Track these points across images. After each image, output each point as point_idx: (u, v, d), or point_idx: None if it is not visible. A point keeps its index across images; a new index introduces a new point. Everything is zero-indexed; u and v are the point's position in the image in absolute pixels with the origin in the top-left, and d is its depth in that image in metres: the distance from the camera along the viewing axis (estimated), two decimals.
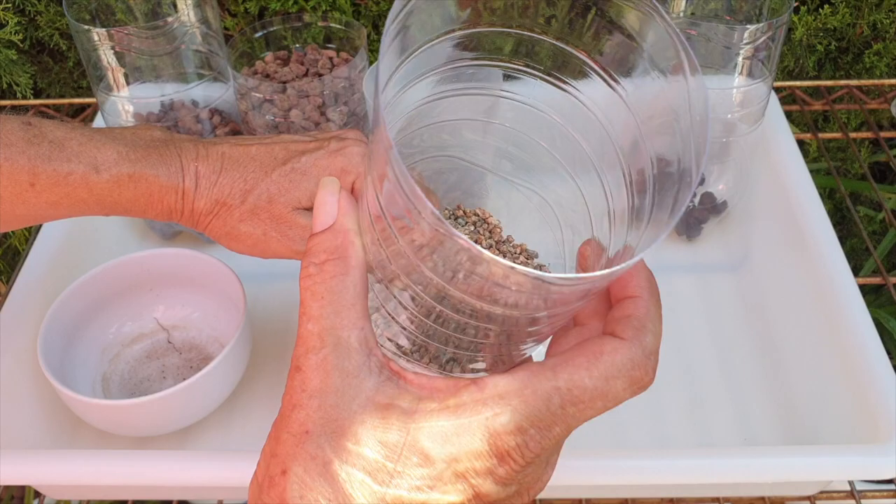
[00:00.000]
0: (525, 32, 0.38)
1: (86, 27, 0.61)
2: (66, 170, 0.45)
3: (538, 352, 0.36)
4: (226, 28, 0.86)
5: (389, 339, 0.34)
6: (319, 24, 0.68)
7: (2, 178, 0.44)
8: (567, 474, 0.48)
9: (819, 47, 0.86)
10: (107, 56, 0.63)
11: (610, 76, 0.38)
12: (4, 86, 0.88)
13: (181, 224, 0.49)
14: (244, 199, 0.47)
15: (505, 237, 0.43)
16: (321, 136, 0.50)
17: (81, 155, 0.45)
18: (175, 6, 0.65)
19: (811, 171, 0.66)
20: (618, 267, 0.28)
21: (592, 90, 0.39)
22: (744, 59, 0.62)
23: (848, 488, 0.53)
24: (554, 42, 0.38)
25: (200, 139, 0.49)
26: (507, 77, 0.41)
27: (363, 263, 0.32)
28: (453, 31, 0.37)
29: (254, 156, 0.48)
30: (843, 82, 0.83)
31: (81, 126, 0.48)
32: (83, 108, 0.86)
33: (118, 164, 0.46)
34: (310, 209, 0.48)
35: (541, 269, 0.33)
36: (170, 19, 0.63)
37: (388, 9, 0.84)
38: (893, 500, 0.54)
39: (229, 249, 0.49)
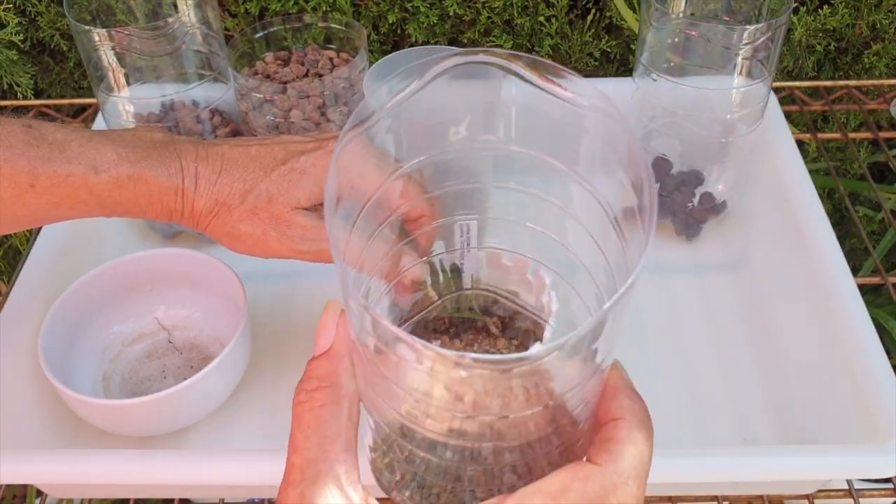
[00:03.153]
0: None
1: (86, 28, 0.61)
2: (66, 171, 0.45)
3: None
4: (226, 28, 0.86)
5: (389, 472, 0.34)
6: (320, 24, 0.68)
7: (2, 180, 0.44)
8: None
9: (818, 48, 0.86)
10: (107, 56, 0.63)
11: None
12: (5, 86, 0.88)
13: (182, 224, 0.49)
14: (244, 198, 0.47)
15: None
16: (321, 137, 0.51)
17: (81, 156, 0.45)
18: (175, 7, 0.65)
19: (810, 172, 0.66)
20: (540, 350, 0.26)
21: None
22: (743, 59, 0.62)
23: (846, 487, 0.53)
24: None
25: (200, 140, 0.49)
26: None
27: (354, 393, 0.31)
28: None
29: (253, 156, 0.48)
30: (842, 83, 0.83)
31: (81, 128, 0.48)
32: (84, 108, 0.86)
33: (118, 166, 0.46)
34: (309, 209, 0.48)
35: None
36: (170, 20, 0.63)
37: (389, 9, 0.84)
38: (892, 500, 0.54)
39: (230, 249, 0.49)
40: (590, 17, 0.84)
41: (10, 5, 0.84)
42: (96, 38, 0.62)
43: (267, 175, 0.47)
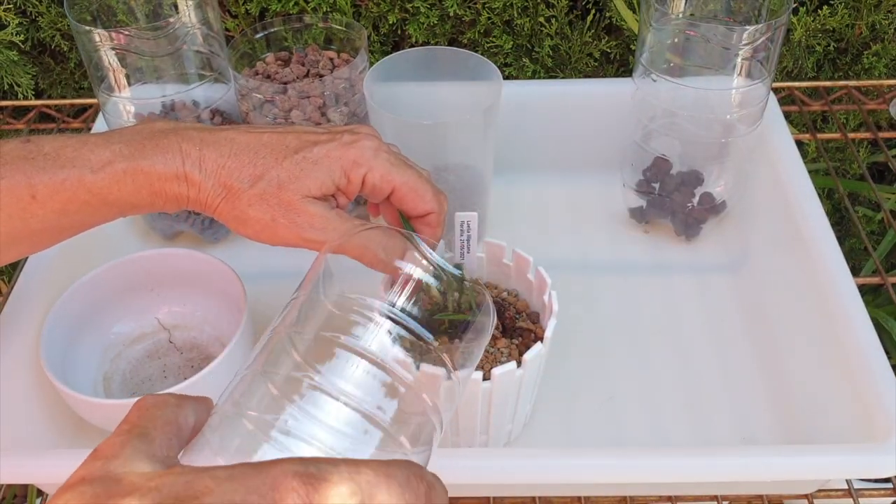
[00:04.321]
0: None
1: (87, 28, 0.61)
2: (62, 176, 0.45)
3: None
4: (227, 29, 0.86)
5: None
6: (320, 25, 0.68)
7: (3, 196, 0.45)
8: (566, 472, 0.48)
9: (818, 48, 0.86)
10: (108, 57, 0.63)
11: None
12: (6, 87, 0.89)
13: (193, 209, 0.49)
14: (253, 183, 0.47)
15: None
16: (334, 129, 0.51)
17: (76, 160, 0.46)
18: (176, 7, 0.65)
19: (810, 172, 0.66)
20: None
21: None
22: (743, 59, 0.63)
23: (846, 487, 0.53)
24: None
25: (208, 126, 0.49)
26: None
27: (200, 421, 0.33)
28: None
29: (265, 142, 0.48)
30: (841, 83, 0.83)
31: (80, 134, 0.48)
32: (84, 108, 0.86)
33: (112, 163, 0.46)
34: (319, 198, 0.48)
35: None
36: (171, 20, 0.63)
37: (389, 10, 0.84)
38: (891, 499, 0.54)
39: (238, 233, 0.49)
40: (590, 18, 0.85)
41: (11, 6, 0.84)
42: (97, 39, 0.62)
43: (279, 162, 0.47)
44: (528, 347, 0.51)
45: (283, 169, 0.47)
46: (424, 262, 0.39)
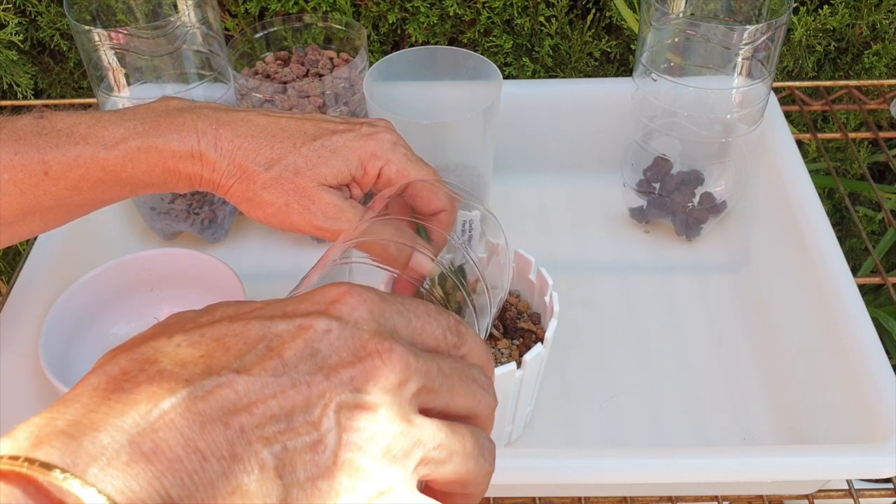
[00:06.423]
0: None
1: (86, 28, 0.61)
2: (75, 153, 0.45)
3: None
4: (226, 29, 0.86)
5: None
6: (320, 24, 0.68)
7: (16, 171, 0.44)
8: (566, 473, 0.48)
9: (818, 48, 0.86)
10: (107, 56, 0.63)
11: None
12: (5, 86, 0.89)
13: (204, 190, 0.48)
14: (269, 167, 0.47)
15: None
16: (352, 120, 0.51)
17: (89, 137, 0.45)
18: (176, 7, 0.65)
19: (810, 172, 0.66)
20: None
21: None
22: (743, 59, 0.63)
23: (846, 487, 0.53)
24: None
25: (224, 106, 0.49)
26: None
27: None
28: None
29: (284, 127, 0.48)
30: (842, 83, 0.83)
31: (94, 111, 0.48)
32: (84, 108, 0.86)
33: (126, 140, 0.46)
34: (334, 186, 0.48)
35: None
36: (171, 20, 0.63)
37: (389, 9, 0.84)
38: (892, 500, 0.54)
39: (249, 217, 0.49)
40: (590, 17, 0.84)
41: (10, 5, 0.84)
42: (96, 38, 0.62)
43: (297, 148, 0.47)
44: (528, 348, 0.51)
45: (300, 155, 0.47)
46: (432, 261, 0.39)
